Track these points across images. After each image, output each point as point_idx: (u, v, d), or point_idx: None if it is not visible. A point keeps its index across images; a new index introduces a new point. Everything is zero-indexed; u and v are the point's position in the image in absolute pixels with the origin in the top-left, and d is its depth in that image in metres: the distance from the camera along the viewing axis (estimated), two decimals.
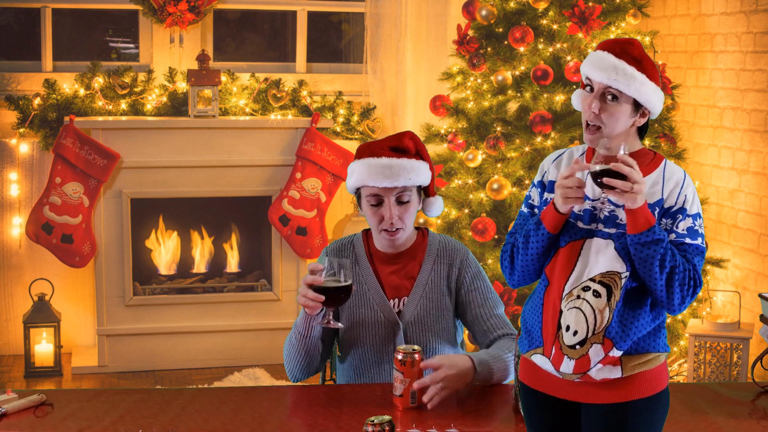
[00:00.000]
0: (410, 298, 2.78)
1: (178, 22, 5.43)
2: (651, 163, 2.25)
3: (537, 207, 2.31)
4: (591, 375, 2.18)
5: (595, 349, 2.16)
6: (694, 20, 5.30)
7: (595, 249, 2.19)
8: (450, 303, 2.81)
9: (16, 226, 5.39)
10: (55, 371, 5.20)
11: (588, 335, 2.16)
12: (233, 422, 2.49)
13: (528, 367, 2.30)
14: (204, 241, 5.66)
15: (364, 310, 2.78)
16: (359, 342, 2.79)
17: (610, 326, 2.16)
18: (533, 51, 4.93)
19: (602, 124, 2.20)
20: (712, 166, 5.20)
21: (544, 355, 2.22)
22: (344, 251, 2.83)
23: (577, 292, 2.18)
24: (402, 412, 2.53)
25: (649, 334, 2.22)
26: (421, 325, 2.77)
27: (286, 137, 5.47)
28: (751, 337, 4.65)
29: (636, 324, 2.18)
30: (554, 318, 2.20)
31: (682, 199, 2.19)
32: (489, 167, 4.94)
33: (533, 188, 2.33)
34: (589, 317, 2.16)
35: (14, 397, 2.57)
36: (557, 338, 2.19)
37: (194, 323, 5.43)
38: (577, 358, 2.17)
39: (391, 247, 2.75)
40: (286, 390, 2.77)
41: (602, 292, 2.16)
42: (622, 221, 2.17)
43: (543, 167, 2.34)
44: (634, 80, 2.18)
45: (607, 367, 2.18)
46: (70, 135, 5.13)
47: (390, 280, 2.80)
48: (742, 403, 2.66)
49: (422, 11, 5.72)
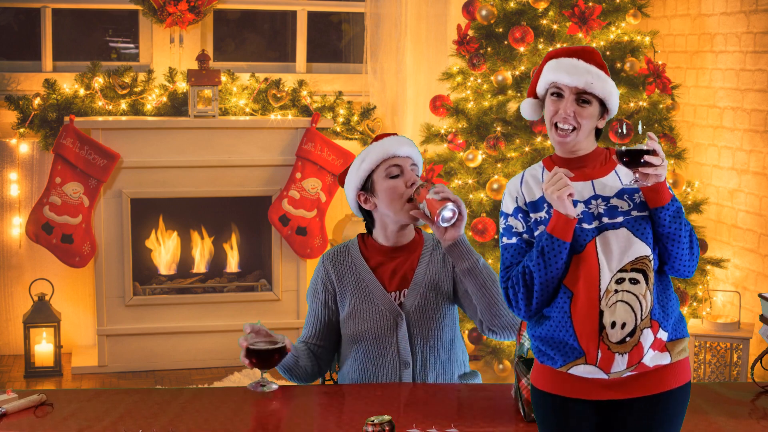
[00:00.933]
0: (410, 289, 2.81)
1: (178, 22, 5.43)
2: (609, 162, 2.31)
3: (525, 232, 2.30)
4: (645, 363, 2.21)
5: (646, 334, 2.20)
6: (694, 20, 5.30)
7: (614, 241, 2.21)
8: (449, 290, 2.84)
9: (16, 226, 5.39)
10: (55, 371, 5.20)
11: (638, 323, 2.19)
12: (233, 422, 2.49)
13: (555, 378, 2.27)
14: (204, 241, 5.66)
15: (365, 306, 2.81)
16: (363, 336, 2.81)
17: (654, 308, 2.22)
18: (533, 51, 4.93)
19: (578, 126, 2.27)
20: (712, 166, 5.20)
21: (589, 363, 2.21)
22: (340, 256, 2.87)
23: (614, 287, 2.19)
24: (402, 412, 2.53)
25: (680, 319, 2.29)
26: (423, 313, 2.80)
27: (286, 137, 5.47)
28: (751, 337, 4.65)
29: (671, 304, 2.26)
30: (593, 323, 2.20)
31: None
32: (489, 167, 4.94)
33: (511, 218, 2.33)
34: (635, 306, 2.19)
35: (14, 397, 2.57)
36: (601, 340, 2.19)
37: (194, 323, 5.43)
38: (629, 351, 2.19)
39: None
40: (287, 390, 2.77)
41: (639, 279, 2.20)
42: (623, 209, 2.22)
43: (512, 194, 2.34)
44: (606, 83, 2.30)
45: (656, 353, 2.23)
46: (70, 135, 5.13)
47: (390, 275, 2.83)
48: (742, 403, 2.66)
49: (422, 11, 5.72)
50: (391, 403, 2.58)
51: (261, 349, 2.62)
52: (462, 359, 2.90)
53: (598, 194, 2.25)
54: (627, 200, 2.24)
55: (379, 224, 2.86)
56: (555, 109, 2.29)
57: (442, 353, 2.81)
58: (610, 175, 2.29)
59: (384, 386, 2.73)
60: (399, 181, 2.79)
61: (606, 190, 2.26)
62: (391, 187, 2.79)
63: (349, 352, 2.86)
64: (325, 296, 2.86)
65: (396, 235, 2.85)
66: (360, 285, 2.82)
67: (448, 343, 2.82)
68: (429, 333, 2.79)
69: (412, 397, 2.67)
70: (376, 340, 2.79)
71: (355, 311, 2.81)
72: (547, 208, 2.27)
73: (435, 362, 2.80)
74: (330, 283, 2.85)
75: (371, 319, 2.79)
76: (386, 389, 2.70)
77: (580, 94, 2.28)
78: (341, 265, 2.85)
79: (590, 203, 2.25)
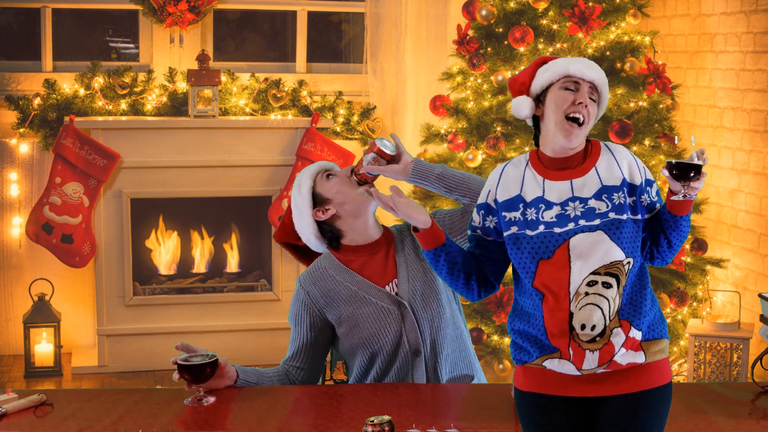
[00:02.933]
0: (400, 276, 2.80)
1: (178, 22, 5.43)
2: (593, 152, 2.32)
3: (479, 228, 2.39)
4: (617, 361, 2.21)
5: (616, 333, 2.20)
6: (694, 20, 5.30)
7: (587, 244, 2.21)
8: None
9: (16, 226, 5.39)
10: (55, 371, 5.20)
11: (606, 323, 2.20)
12: (233, 422, 2.49)
13: (538, 374, 2.29)
14: (204, 241, 5.66)
15: (365, 309, 2.77)
16: (370, 341, 2.77)
17: (622, 307, 2.21)
18: (533, 51, 4.93)
19: (586, 118, 2.28)
20: (712, 166, 5.20)
21: (563, 359, 2.23)
22: (317, 273, 2.84)
23: (584, 290, 2.20)
24: (402, 412, 2.53)
25: (658, 320, 2.29)
26: (421, 295, 2.79)
27: (286, 137, 5.47)
28: (751, 337, 4.65)
29: (645, 303, 2.25)
30: (563, 323, 2.22)
31: (642, 172, 2.29)
32: (489, 167, 4.94)
33: (475, 210, 2.40)
34: (605, 309, 2.20)
35: (14, 397, 2.57)
36: (572, 339, 2.21)
37: (194, 323, 5.43)
38: (600, 349, 2.20)
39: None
40: (286, 390, 2.77)
41: (612, 283, 2.20)
42: (600, 210, 2.22)
43: (487, 187, 2.40)
44: (606, 89, 2.36)
45: (630, 351, 2.22)
46: (70, 135, 5.13)
47: (378, 271, 2.81)
48: (742, 403, 2.66)
49: (422, 11, 5.72)
50: (391, 403, 2.58)
51: (191, 364, 2.61)
52: (467, 337, 2.88)
53: (576, 196, 2.24)
54: (605, 200, 2.24)
55: (347, 227, 2.82)
56: (572, 100, 2.28)
57: (448, 332, 2.79)
58: (590, 173, 2.27)
59: (384, 386, 2.73)
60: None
61: (584, 191, 2.25)
62: (336, 183, 2.80)
63: (357, 361, 2.82)
64: (310, 318, 2.82)
65: (367, 228, 2.82)
66: (351, 292, 2.79)
67: (449, 319, 2.80)
68: (432, 313, 2.78)
69: (412, 397, 2.67)
70: (386, 339, 2.76)
71: (355, 320, 2.77)
72: (523, 209, 2.28)
73: (443, 342, 2.77)
74: (314, 303, 2.81)
75: (375, 319, 2.76)
76: (386, 389, 2.70)
77: (592, 90, 2.30)
78: (323, 281, 2.82)
79: (567, 205, 2.24)
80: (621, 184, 2.25)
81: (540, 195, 2.27)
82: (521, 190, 2.29)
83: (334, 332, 2.84)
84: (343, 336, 2.81)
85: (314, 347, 2.83)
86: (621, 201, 2.23)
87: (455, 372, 2.80)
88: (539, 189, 2.27)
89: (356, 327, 2.78)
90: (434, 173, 2.74)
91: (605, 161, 2.29)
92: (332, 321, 2.81)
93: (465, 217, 2.80)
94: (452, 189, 2.75)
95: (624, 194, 2.24)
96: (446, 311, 2.80)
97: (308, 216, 2.81)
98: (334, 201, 2.79)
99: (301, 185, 2.83)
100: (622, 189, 2.24)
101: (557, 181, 2.27)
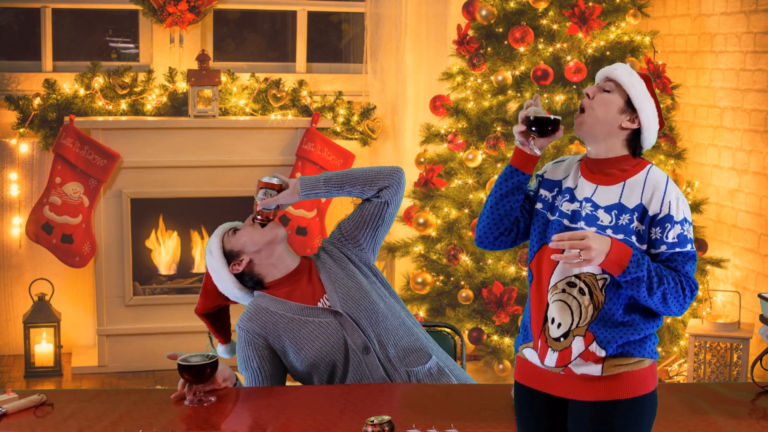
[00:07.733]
0: (327, 289, 2.90)
1: (178, 22, 5.43)
2: (635, 167, 2.30)
3: (531, 191, 2.41)
4: (572, 369, 2.24)
5: (577, 341, 2.22)
6: (694, 20, 5.30)
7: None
8: (358, 261, 2.98)
9: (16, 226, 5.39)
10: (55, 371, 5.20)
11: (572, 327, 2.22)
12: (233, 422, 2.49)
13: (520, 364, 2.37)
14: (204, 241, 5.66)
15: (306, 329, 2.86)
16: (320, 356, 2.84)
17: (593, 324, 2.21)
18: (533, 51, 4.93)
19: (589, 109, 2.29)
20: (712, 166, 5.20)
21: (533, 349, 2.30)
22: (251, 312, 2.91)
23: (563, 286, 2.25)
24: (402, 412, 2.53)
25: (640, 342, 2.25)
26: (351, 299, 2.88)
27: (286, 137, 5.47)
28: (751, 337, 4.65)
29: (624, 330, 2.22)
30: (541, 311, 2.28)
31: (666, 206, 2.22)
32: (489, 167, 4.94)
33: (534, 176, 2.45)
34: (574, 311, 2.23)
35: (14, 397, 2.57)
36: (543, 331, 2.27)
37: (194, 323, 5.39)
38: (560, 350, 2.24)
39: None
40: (287, 390, 2.77)
41: (586, 291, 2.23)
42: (602, 222, 2.24)
43: (547, 166, 2.45)
44: (632, 76, 2.29)
45: (587, 363, 2.22)
46: (70, 135, 5.13)
47: (307, 292, 2.92)
48: (742, 403, 2.66)
49: (422, 11, 5.72)
50: (391, 403, 2.58)
51: (192, 364, 2.64)
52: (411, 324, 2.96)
53: (593, 200, 2.27)
54: (613, 216, 2.23)
55: (265, 269, 2.94)
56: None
57: (388, 323, 2.88)
58: (616, 186, 2.27)
59: (384, 386, 2.73)
60: (240, 231, 3.00)
61: (602, 199, 2.26)
62: (242, 234, 2.97)
63: (316, 379, 2.89)
64: (258, 354, 2.87)
65: (284, 260, 2.96)
66: (288, 318, 2.87)
67: (386, 312, 2.90)
68: (368, 310, 2.87)
69: (412, 397, 2.67)
70: (333, 349, 2.84)
71: (299, 343, 2.85)
72: (555, 193, 2.34)
73: (387, 333, 2.86)
74: (257, 338, 2.87)
75: (317, 336, 2.84)
76: (386, 389, 2.70)
77: (604, 82, 2.32)
78: (258, 316, 2.90)
79: (582, 205, 2.28)
80: (634, 208, 2.23)
81: (572, 187, 2.32)
82: (564, 177, 2.36)
83: (283, 363, 2.91)
84: (293, 362, 2.88)
85: (272, 380, 2.89)
86: (625, 223, 2.22)
87: (409, 357, 2.88)
88: (574, 182, 2.32)
89: (302, 349, 2.85)
90: (320, 181, 2.94)
91: (636, 182, 2.26)
92: (278, 351, 2.88)
93: (363, 210, 3.00)
94: (341, 186, 2.96)
95: (632, 218, 2.22)
96: (380, 305, 2.90)
97: (226, 273, 2.96)
98: (245, 250, 2.95)
99: (212, 250, 3.01)
100: (633, 213, 2.23)
101: (589, 181, 2.30)
